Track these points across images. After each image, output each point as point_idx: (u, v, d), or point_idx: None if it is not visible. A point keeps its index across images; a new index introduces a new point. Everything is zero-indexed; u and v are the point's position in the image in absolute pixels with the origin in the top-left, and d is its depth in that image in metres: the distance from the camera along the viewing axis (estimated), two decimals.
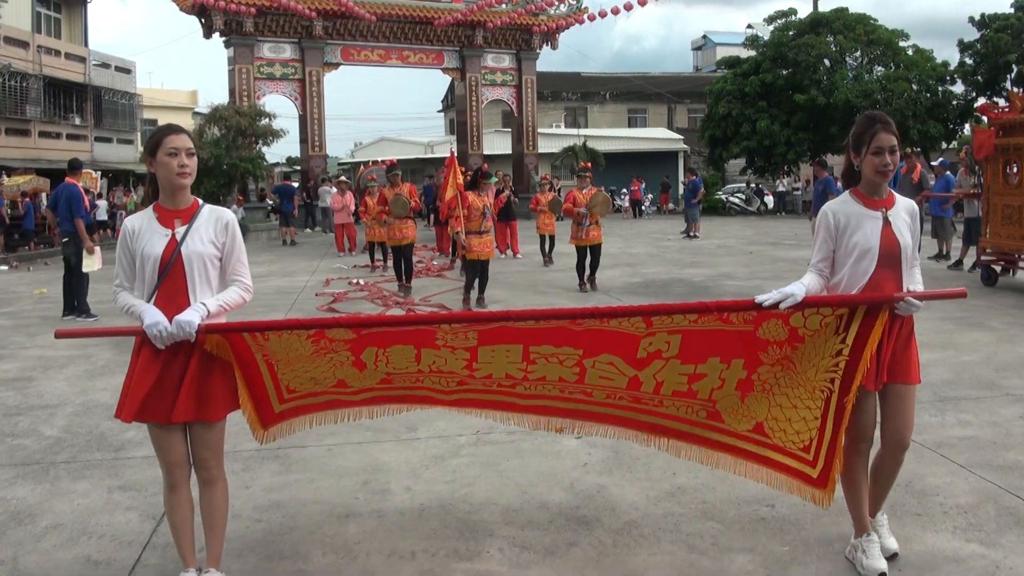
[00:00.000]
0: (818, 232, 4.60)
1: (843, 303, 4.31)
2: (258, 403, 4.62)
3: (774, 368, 4.41)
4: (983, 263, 15.14)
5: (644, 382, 4.58)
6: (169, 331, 4.04)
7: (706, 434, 4.67)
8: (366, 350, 4.51)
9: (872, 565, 4.42)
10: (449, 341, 4.50)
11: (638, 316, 4.35)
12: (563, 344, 4.52)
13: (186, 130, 4.33)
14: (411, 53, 41.42)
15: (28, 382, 9.20)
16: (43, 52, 43.51)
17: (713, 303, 4.34)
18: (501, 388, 4.77)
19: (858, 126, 4.49)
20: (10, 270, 23.31)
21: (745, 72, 48.26)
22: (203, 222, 4.27)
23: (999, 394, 7.89)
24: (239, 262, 4.38)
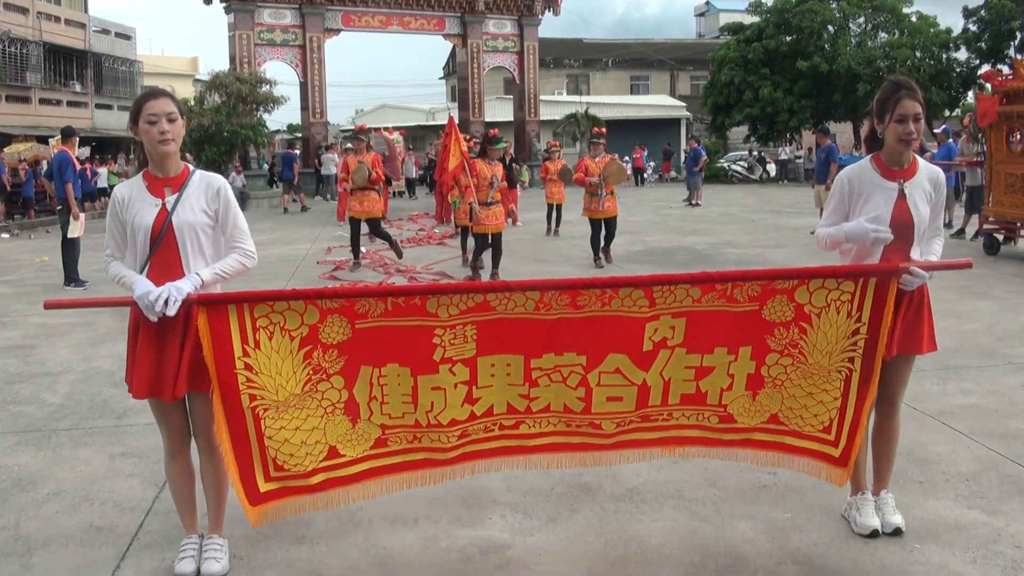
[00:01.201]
0: (832, 196, 4.56)
1: (846, 273, 4.28)
2: (244, 475, 4.18)
3: (783, 359, 4.31)
4: (985, 232, 15.10)
5: (652, 388, 4.37)
6: (160, 297, 3.93)
7: (719, 436, 4.50)
8: (360, 372, 4.20)
9: (865, 522, 4.52)
10: (447, 342, 4.23)
11: (640, 290, 4.21)
12: (565, 348, 4.29)
13: (167, 92, 4.23)
14: (412, 19, 41.22)
15: (30, 350, 9.20)
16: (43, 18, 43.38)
17: (716, 273, 4.30)
18: (504, 430, 4.45)
19: (882, 92, 4.39)
20: (11, 238, 23.30)
21: (748, 39, 48.07)
22: (194, 190, 4.19)
23: (1001, 363, 7.89)
24: (236, 228, 4.29)
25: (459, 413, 4.33)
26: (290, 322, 4.10)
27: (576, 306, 4.23)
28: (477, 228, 13.25)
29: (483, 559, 4.43)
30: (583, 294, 4.23)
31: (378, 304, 4.15)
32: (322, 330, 4.12)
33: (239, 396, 4.06)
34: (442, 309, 4.18)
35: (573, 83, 65.12)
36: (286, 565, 4.37)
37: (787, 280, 4.27)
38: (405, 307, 4.17)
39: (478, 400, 4.34)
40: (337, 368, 4.17)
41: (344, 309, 4.13)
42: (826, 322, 4.27)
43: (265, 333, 4.07)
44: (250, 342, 4.06)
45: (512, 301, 4.21)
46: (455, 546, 4.55)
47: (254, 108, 34.37)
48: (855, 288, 4.26)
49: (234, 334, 4.05)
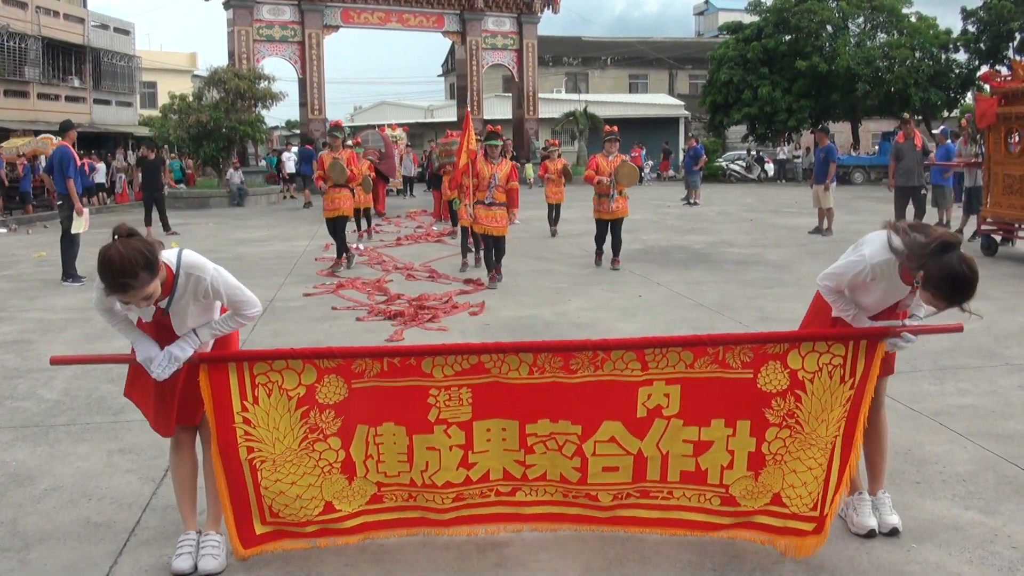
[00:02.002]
0: (848, 271, 4.28)
1: (837, 337, 4.28)
2: (240, 520, 4.26)
3: (782, 432, 4.27)
4: (984, 233, 15.11)
5: (649, 460, 4.32)
6: (159, 364, 4.06)
7: (720, 520, 4.40)
8: (356, 432, 4.24)
9: (862, 522, 4.56)
10: (442, 403, 4.23)
11: (632, 352, 4.21)
12: (560, 416, 4.27)
13: (133, 283, 3.75)
14: (411, 16, 41.24)
15: (27, 345, 9.20)
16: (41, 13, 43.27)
17: (707, 336, 4.31)
18: (501, 496, 4.44)
19: (948, 278, 3.87)
20: (9, 233, 23.27)
21: (747, 38, 48.07)
22: (182, 293, 4.09)
23: (999, 363, 7.89)
24: (232, 301, 4.22)
25: (454, 476, 4.36)
26: (288, 381, 4.19)
27: (569, 370, 4.24)
28: (476, 227, 12.99)
29: (480, 557, 4.43)
30: (576, 357, 4.24)
31: (374, 364, 4.22)
32: (319, 390, 4.20)
33: (237, 449, 4.18)
34: (437, 370, 4.23)
35: (572, 81, 65.09)
36: (283, 562, 4.37)
37: (778, 344, 4.27)
38: (400, 367, 4.23)
39: (474, 465, 4.37)
40: (334, 429, 4.25)
41: (341, 369, 4.21)
42: (820, 387, 4.25)
43: (264, 390, 4.18)
44: (249, 398, 4.17)
45: (506, 364, 4.24)
46: (452, 544, 4.54)
47: (253, 104, 34.34)
48: (846, 351, 4.25)
49: (233, 391, 4.17)
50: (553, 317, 10.19)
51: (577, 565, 4.33)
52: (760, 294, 11.48)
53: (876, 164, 42.53)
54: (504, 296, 11.69)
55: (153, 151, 23.46)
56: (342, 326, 9.92)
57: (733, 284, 12.34)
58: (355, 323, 10.09)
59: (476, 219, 12.73)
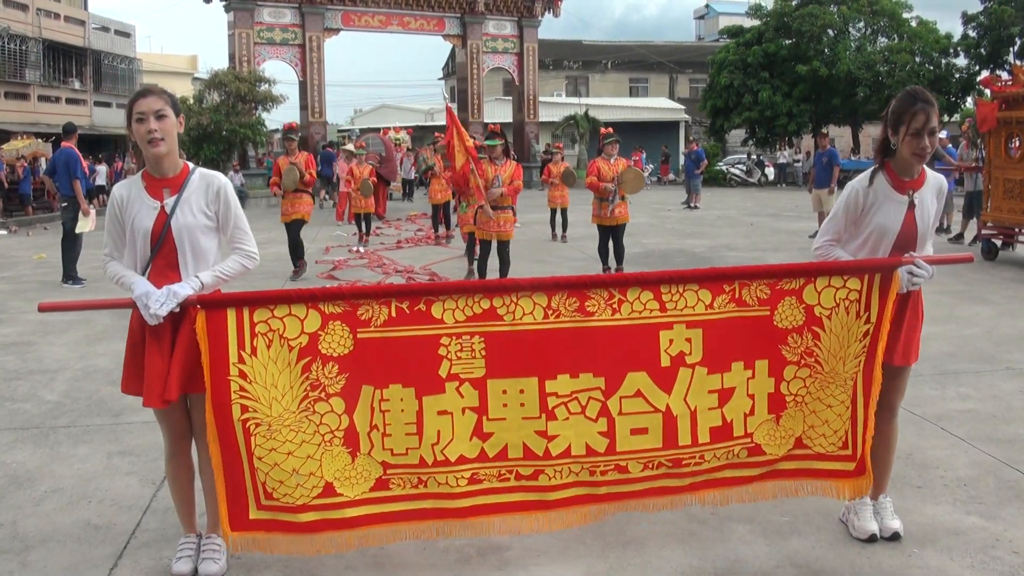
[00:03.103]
0: (839, 207, 4.47)
1: (852, 269, 4.25)
2: (232, 498, 4.02)
3: (800, 371, 4.26)
4: (984, 237, 15.11)
5: (679, 419, 4.20)
6: (158, 300, 3.90)
7: (748, 472, 4.37)
8: (361, 394, 4.02)
9: (863, 527, 4.54)
10: (454, 354, 4.06)
11: (648, 291, 4.13)
12: (581, 369, 4.12)
13: (156, 90, 4.09)
14: (412, 19, 41.22)
15: (28, 347, 9.19)
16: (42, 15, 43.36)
17: (723, 269, 4.28)
18: (522, 480, 4.19)
19: (898, 102, 4.34)
20: (9, 235, 23.26)
21: (748, 42, 48.14)
22: (193, 191, 4.11)
23: (999, 368, 7.89)
24: (238, 228, 4.24)
25: (468, 449, 4.12)
26: (290, 330, 3.96)
27: (585, 311, 4.11)
28: (479, 232, 12.20)
29: (481, 560, 4.42)
30: (591, 297, 4.11)
31: (381, 309, 4.00)
32: (323, 339, 3.97)
33: (230, 406, 3.92)
34: (447, 314, 4.04)
35: (572, 85, 65.16)
36: (283, 565, 4.35)
37: (794, 279, 4.24)
38: (410, 314, 4.02)
39: (490, 436, 4.13)
40: (337, 388, 3.99)
41: (346, 316, 3.99)
42: (837, 324, 4.23)
43: (264, 340, 3.94)
44: (247, 348, 3.93)
45: (519, 307, 4.08)
46: (453, 547, 4.53)
47: (253, 107, 34.40)
48: (861, 285, 4.23)
49: (231, 338, 3.93)
50: None
51: (578, 569, 4.31)
52: None
53: None
54: None
55: None
56: None
57: None
58: None
59: (479, 224, 12.05)
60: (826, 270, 4.27)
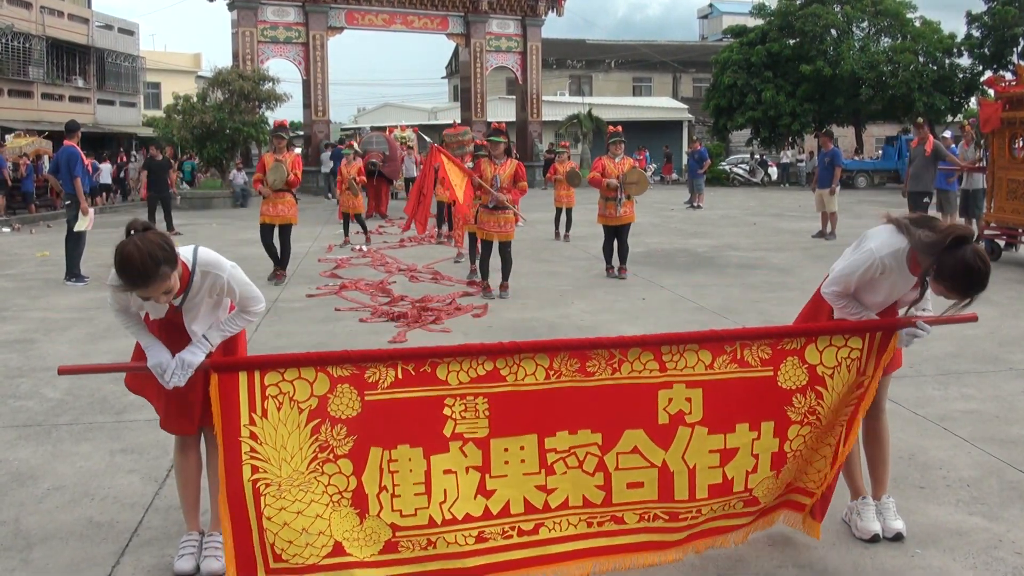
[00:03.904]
0: (856, 268, 4.31)
1: (854, 329, 4.29)
2: (240, 556, 3.94)
3: (803, 430, 4.27)
4: (987, 237, 15.09)
5: (676, 475, 4.22)
6: (173, 372, 4.01)
7: (740, 521, 4.41)
8: (370, 456, 4.00)
9: (866, 527, 4.56)
10: (458, 415, 4.08)
11: (649, 352, 4.16)
12: (579, 425, 4.15)
13: (153, 275, 3.74)
14: (416, 18, 41.21)
15: (30, 344, 9.20)
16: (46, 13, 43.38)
17: (723, 331, 4.28)
18: (524, 536, 4.19)
19: (961, 277, 4.00)
20: (12, 232, 23.28)
21: (751, 41, 48.08)
22: (197, 290, 4.10)
23: (1003, 368, 7.88)
24: (244, 296, 4.23)
25: (473, 507, 4.13)
26: (299, 392, 3.98)
27: (586, 372, 4.14)
28: (480, 233, 12.17)
29: None
30: (592, 358, 4.14)
31: (388, 372, 4.04)
32: (331, 401, 4.00)
33: (241, 468, 3.92)
34: (452, 375, 4.08)
35: (576, 84, 65.15)
36: None
37: (795, 339, 4.26)
38: (416, 375, 4.06)
39: (493, 493, 4.16)
40: (345, 450, 4.00)
41: (354, 379, 4.01)
42: (839, 382, 4.26)
43: (274, 403, 3.97)
44: (258, 410, 3.96)
45: (522, 368, 4.11)
46: None
47: (256, 105, 34.39)
48: (863, 345, 4.28)
49: (243, 400, 3.96)
50: (556, 319, 10.19)
51: (581, 568, 4.30)
52: (763, 297, 11.47)
53: (879, 168, 42.56)
54: (507, 298, 11.67)
55: (160, 152, 23.49)
56: (345, 327, 9.91)
57: (736, 287, 12.33)
58: (358, 324, 10.09)
59: (480, 224, 12.00)
60: (827, 331, 4.31)
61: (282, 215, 13.41)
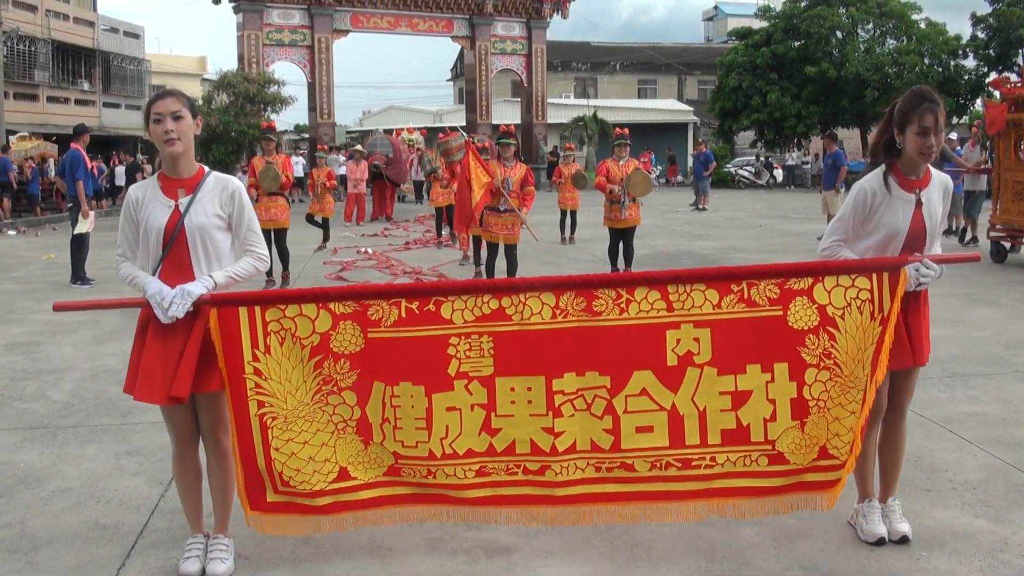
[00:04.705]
0: (847, 207, 4.46)
1: (859, 268, 4.22)
2: (250, 480, 4.15)
3: (820, 375, 4.17)
4: (993, 239, 15.06)
5: (686, 418, 4.16)
6: (171, 300, 3.96)
7: (770, 482, 4.24)
8: (373, 389, 4.09)
9: (871, 530, 4.53)
10: (463, 353, 4.10)
11: (655, 291, 4.13)
12: (587, 367, 4.14)
13: (174, 92, 4.19)
14: (420, 20, 41.23)
15: (36, 347, 9.21)
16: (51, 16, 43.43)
17: (730, 269, 4.26)
18: (529, 475, 4.21)
19: (905, 102, 4.32)
20: (18, 235, 23.32)
21: (756, 43, 48.03)
22: (207, 192, 4.17)
23: (1008, 371, 7.87)
24: (250, 231, 4.29)
25: (477, 443, 4.16)
26: (301, 329, 4.03)
27: (592, 311, 4.12)
28: (485, 235, 12.10)
29: (489, 561, 4.41)
30: (599, 297, 4.13)
31: (391, 310, 4.06)
32: (334, 338, 4.04)
33: (247, 403, 4.00)
34: (456, 314, 4.09)
35: (580, 86, 65.12)
36: (291, 565, 4.36)
37: (802, 279, 4.20)
38: (420, 314, 4.07)
39: (498, 432, 4.17)
40: (349, 382, 4.07)
41: (357, 316, 4.04)
42: (852, 324, 4.17)
43: (276, 338, 4.02)
44: (260, 346, 4.00)
45: (528, 307, 4.11)
46: (461, 548, 4.53)
47: (262, 108, 34.43)
48: (871, 284, 4.19)
49: (244, 337, 4.00)
50: None
51: (585, 571, 4.31)
52: None
53: None
54: None
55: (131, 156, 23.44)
56: None
57: None
58: None
59: (486, 226, 11.85)
60: (833, 269, 4.24)
61: (275, 219, 13.16)
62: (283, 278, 13.29)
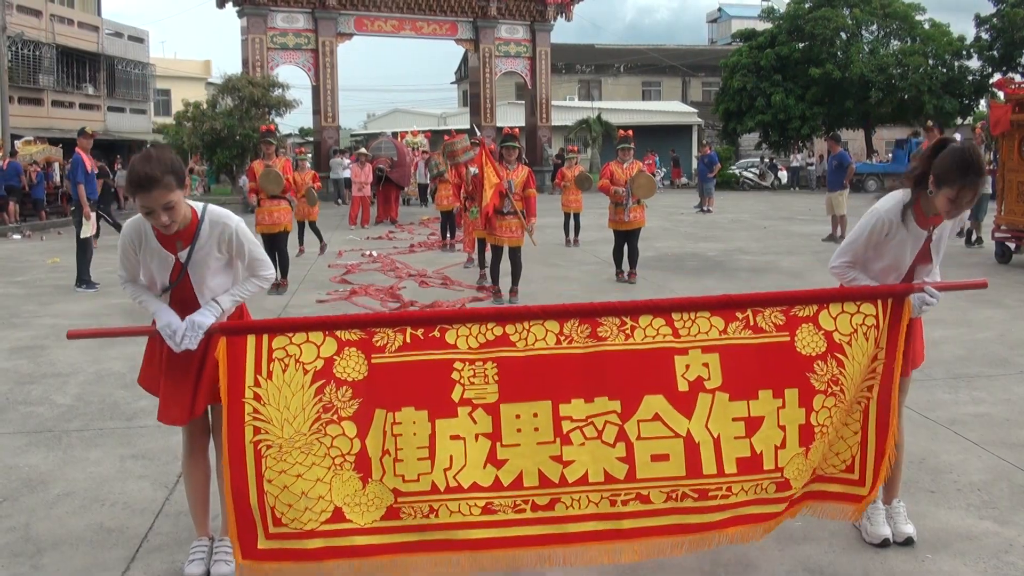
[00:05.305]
0: (861, 232, 4.38)
1: (865, 295, 4.23)
2: (242, 526, 3.93)
3: (827, 401, 4.13)
4: (998, 240, 15.04)
5: (702, 445, 4.04)
6: (183, 334, 4.01)
7: (773, 508, 4.13)
8: (374, 418, 3.96)
9: (876, 531, 4.54)
10: (467, 380, 4.02)
11: (660, 318, 4.10)
12: (595, 393, 4.03)
13: (155, 178, 3.77)
14: (425, 24, 41.28)
15: (41, 350, 9.22)
16: (56, 21, 43.50)
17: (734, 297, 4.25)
18: (539, 511, 4.00)
19: (953, 162, 4.07)
20: (23, 239, 23.36)
21: (760, 45, 48.09)
22: (205, 240, 4.10)
23: (1013, 372, 7.85)
24: (252, 259, 4.26)
25: (482, 477, 3.99)
26: (306, 355, 3.99)
27: (597, 337, 4.08)
28: (489, 238, 12.12)
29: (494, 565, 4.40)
30: (603, 324, 4.09)
31: (396, 336, 4.02)
32: (337, 363, 3.98)
33: (243, 428, 3.92)
34: (461, 340, 4.04)
35: (585, 88, 65.18)
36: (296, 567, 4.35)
37: (807, 306, 4.20)
38: (424, 340, 4.03)
39: (504, 463, 4.01)
40: (350, 412, 3.96)
41: (362, 343, 4.01)
42: (858, 351, 4.17)
43: (280, 365, 3.97)
44: (263, 372, 3.96)
45: (532, 334, 4.07)
46: None
47: (266, 112, 34.45)
48: (876, 311, 4.19)
49: (249, 363, 3.97)
50: None
51: (590, 572, 4.29)
52: None
53: (890, 171, 42.43)
54: (517, 303, 11.65)
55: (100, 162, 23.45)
56: None
57: (746, 292, 12.25)
58: None
59: (490, 228, 11.88)
60: (838, 296, 4.24)
61: (279, 223, 13.07)
62: (281, 285, 13.12)
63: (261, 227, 12.97)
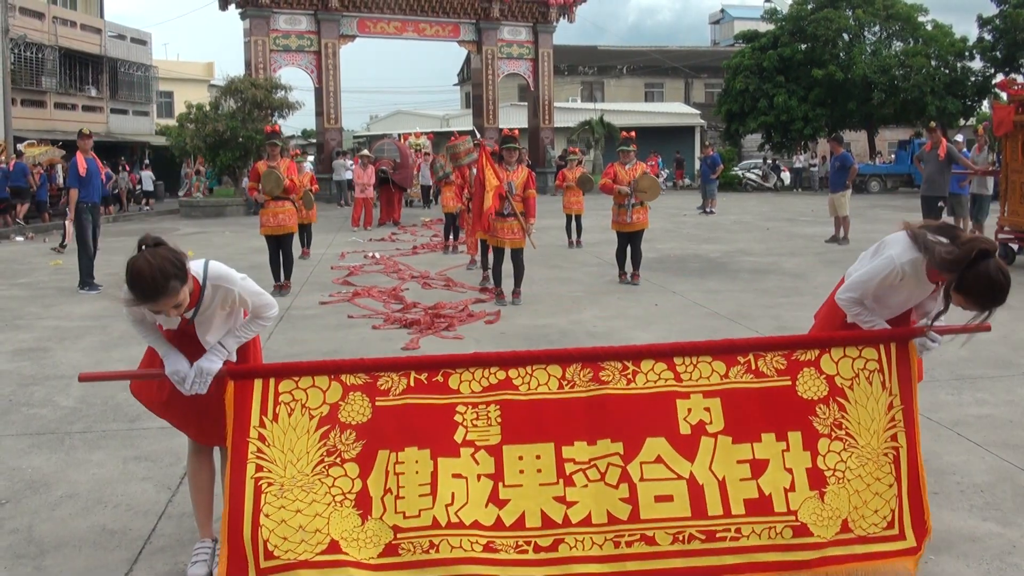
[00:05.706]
0: (874, 275, 4.30)
1: (865, 339, 4.27)
2: (233, 557, 3.84)
3: (834, 445, 4.13)
4: (1001, 241, 15.02)
5: (706, 487, 4.02)
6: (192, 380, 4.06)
7: (797, 556, 3.99)
8: (377, 459, 3.97)
9: None
10: (470, 422, 4.04)
11: (662, 363, 4.15)
12: (598, 435, 4.05)
13: (160, 287, 3.71)
14: (427, 25, 41.25)
15: (44, 352, 9.22)
16: (59, 23, 43.48)
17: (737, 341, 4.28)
18: (541, 552, 3.92)
19: (987, 289, 3.95)
20: (26, 241, 23.38)
21: (763, 46, 48.07)
22: (208, 304, 4.09)
23: (1016, 373, 7.84)
24: (257, 305, 4.26)
25: (484, 515, 3.96)
26: (312, 400, 4.04)
27: (600, 381, 4.11)
28: (491, 240, 12.07)
29: None
30: (605, 368, 4.13)
31: (400, 380, 4.07)
32: (342, 409, 4.04)
33: (245, 464, 3.94)
34: (464, 384, 4.10)
35: (587, 90, 65.19)
36: None
37: (808, 350, 4.23)
38: (428, 384, 4.08)
39: (506, 503, 3.98)
40: (353, 454, 3.98)
41: (367, 387, 4.06)
42: (861, 395, 4.19)
43: (286, 408, 4.02)
44: (269, 414, 4.01)
45: (534, 378, 4.12)
46: None
47: (269, 114, 34.43)
48: (879, 355, 4.21)
49: (255, 404, 4.03)
50: (568, 326, 10.18)
51: None
52: (776, 303, 11.44)
53: (892, 173, 42.43)
54: (519, 305, 11.66)
55: None
56: (358, 334, 9.92)
57: (749, 293, 12.30)
58: (371, 331, 10.10)
59: (492, 231, 11.85)
60: (840, 341, 4.27)
61: (283, 225, 12.99)
62: (284, 287, 13.14)
63: (266, 229, 12.98)
